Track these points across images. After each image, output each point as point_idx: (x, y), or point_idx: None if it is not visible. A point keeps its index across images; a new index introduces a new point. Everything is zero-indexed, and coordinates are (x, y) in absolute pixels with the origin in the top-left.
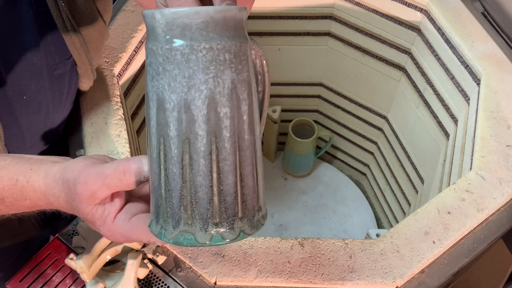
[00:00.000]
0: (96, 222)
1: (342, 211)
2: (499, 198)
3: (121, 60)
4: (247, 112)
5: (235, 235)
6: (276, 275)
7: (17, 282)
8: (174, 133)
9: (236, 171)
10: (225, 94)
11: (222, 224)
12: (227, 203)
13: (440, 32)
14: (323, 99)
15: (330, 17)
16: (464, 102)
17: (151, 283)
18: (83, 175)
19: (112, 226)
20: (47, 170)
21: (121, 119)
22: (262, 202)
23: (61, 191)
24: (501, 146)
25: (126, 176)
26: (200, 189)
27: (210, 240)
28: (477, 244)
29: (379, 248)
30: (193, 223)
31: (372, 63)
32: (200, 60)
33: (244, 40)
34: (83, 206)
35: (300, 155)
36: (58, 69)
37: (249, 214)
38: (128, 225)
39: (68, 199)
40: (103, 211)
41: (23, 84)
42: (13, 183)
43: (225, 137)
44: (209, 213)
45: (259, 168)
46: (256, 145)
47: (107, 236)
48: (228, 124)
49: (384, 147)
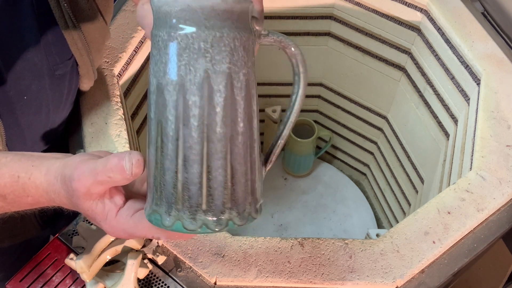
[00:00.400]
0: (97, 218)
1: (342, 211)
2: (499, 198)
3: (121, 60)
4: (222, 104)
5: (196, 226)
6: (276, 275)
7: (17, 282)
8: (152, 115)
9: (202, 162)
10: (196, 83)
11: (184, 212)
12: (191, 192)
13: (440, 32)
14: (323, 99)
15: (330, 17)
16: (464, 102)
17: (151, 283)
18: (77, 172)
19: (115, 222)
20: (48, 166)
21: (121, 119)
22: (246, 198)
23: (61, 188)
24: (501, 146)
25: (113, 173)
26: (167, 172)
27: (172, 225)
28: (477, 244)
29: (379, 248)
30: (161, 204)
31: (372, 63)
32: (175, 47)
33: (234, 31)
34: (81, 202)
35: (300, 155)
36: (59, 70)
37: (216, 210)
38: (131, 221)
39: (68, 196)
40: (103, 206)
41: (23, 84)
42: (14, 180)
43: (192, 126)
44: (173, 198)
45: (249, 164)
46: (238, 140)
47: (109, 232)
48: (197, 113)
49: (384, 147)
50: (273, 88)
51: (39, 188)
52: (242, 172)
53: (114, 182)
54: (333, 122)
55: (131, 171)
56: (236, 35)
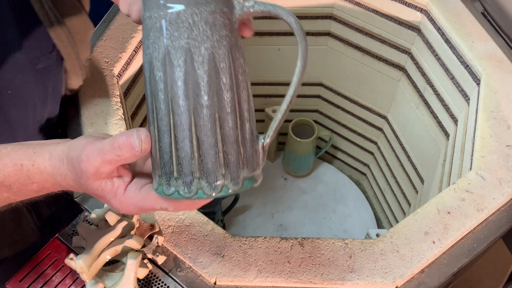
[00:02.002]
0: (107, 196)
1: (342, 211)
2: (499, 198)
3: (121, 60)
4: (182, 79)
5: (192, 193)
6: (276, 275)
7: (17, 282)
8: (145, 89)
9: (170, 133)
10: (160, 59)
11: (162, 178)
12: (164, 160)
13: (440, 32)
14: (323, 99)
15: (330, 17)
16: (464, 102)
17: (151, 283)
18: (85, 153)
19: (124, 198)
20: (51, 151)
21: (121, 119)
22: (218, 170)
23: (67, 170)
24: (501, 146)
25: (122, 151)
26: (153, 143)
27: (170, 195)
28: (477, 244)
29: (379, 248)
30: (161, 175)
31: (372, 63)
32: (146, 27)
33: (192, 7)
34: (91, 182)
35: (300, 155)
36: (40, 63)
37: (186, 178)
38: (139, 194)
39: (75, 177)
40: (112, 184)
41: (6, 78)
42: (18, 169)
43: (160, 99)
44: (156, 166)
45: (220, 137)
46: (203, 113)
47: (119, 209)
48: (162, 87)
49: (384, 147)
50: (273, 88)
51: (44, 173)
52: (210, 144)
53: (123, 160)
54: (333, 122)
55: (140, 148)
56: (194, 11)
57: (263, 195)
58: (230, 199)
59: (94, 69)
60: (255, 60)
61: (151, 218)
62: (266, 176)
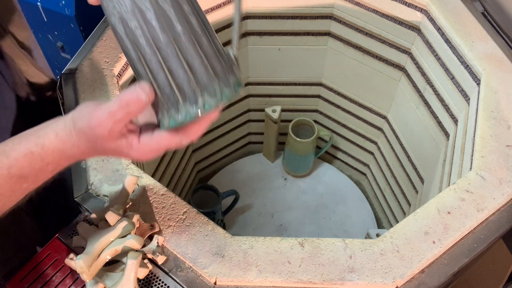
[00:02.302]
0: (124, 151)
1: (342, 211)
2: (499, 198)
3: (121, 60)
4: (154, 18)
5: (200, 108)
6: (276, 275)
7: (17, 282)
8: (123, 47)
9: (163, 68)
10: (129, 11)
11: (169, 108)
12: (167, 93)
13: (440, 32)
14: (323, 99)
15: (330, 17)
16: (464, 102)
17: (151, 283)
18: (95, 119)
19: (140, 146)
20: (54, 130)
21: None
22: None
23: (78, 140)
24: (501, 146)
25: (130, 107)
26: (156, 89)
27: (183, 120)
28: (477, 244)
29: (379, 248)
30: (169, 108)
31: (372, 63)
32: None
33: None
34: (108, 144)
35: (300, 155)
36: None
37: (191, 98)
38: (153, 139)
39: (90, 144)
40: (126, 139)
41: None
42: (30, 157)
43: (143, 44)
44: (164, 103)
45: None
46: (182, 39)
47: (139, 158)
48: (140, 33)
49: (384, 147)
50: (273, 88)
51: (56, 152)
52: (198, 63)
53: (133, 115)
54: (333, 122)
55: (147, 98)
56: None
57: (263, 195)
58: (230, 199)
59: (94, 69)
60: (255, 60)
61: (151, 218)
62: (266, 176)
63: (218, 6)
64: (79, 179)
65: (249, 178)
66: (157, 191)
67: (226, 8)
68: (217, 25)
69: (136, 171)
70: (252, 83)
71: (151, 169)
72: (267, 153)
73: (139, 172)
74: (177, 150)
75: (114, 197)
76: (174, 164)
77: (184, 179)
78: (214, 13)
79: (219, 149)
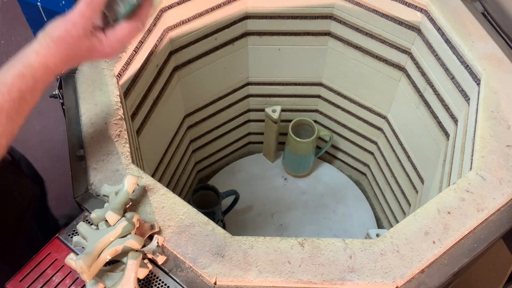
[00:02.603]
0: (97, 47)
1: (342, 211)
2: (499, 198)
3: (121, 60)
4: None
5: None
6: (276, 275)
7: (17, 282)
8: None
9: None
10: None
11: None
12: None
13: (440, 32)
14: (323, 99)
15: (330, 17)
16: (464, 102)
17: (151, 283)
18: (69, 23)
19: (107, 40)
20: (34, 49)
21: (121, 119)
22: None
23: (58, 49)
24: (501, 146)
25: (94, 2)
26: None
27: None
28: (477, 244)
29: (379, 248)
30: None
31: (372, 63)
32: None
33: None
34: (84, 43)
35: (300, 155)
36: None
37: None
38: (117, 30)
39: (69, 48)
40: (96, 37)
41: None
42: (22, 78)
43: None
44: None
45: None
46: None
47: (110, 52)
48: None
49: (384, 147)
50: (273, 88)
51: (41, 68)
52: None
53: (96, 10)
54: (333, 122)
55: None
56: None
57: (263, 195)
58: (230, 199)
59: (94, 69)
60: (255, 60)
61: (151, 218)
62: (266, 176)
63: (218, 6)
64: (79, 179)
65: (249, 178)
66: (157, 191)
67: (226, 8)
68: (217, 25)
69: (136, 171)
70: (252, 83)
71: (151, 169)
72: (267, 153)
73: (139, 172)
74: (177, 150)
75: (114, 197)
76: (174, 164)
77: (184, 179)
78: (214, 13)
79: (219, 149)
